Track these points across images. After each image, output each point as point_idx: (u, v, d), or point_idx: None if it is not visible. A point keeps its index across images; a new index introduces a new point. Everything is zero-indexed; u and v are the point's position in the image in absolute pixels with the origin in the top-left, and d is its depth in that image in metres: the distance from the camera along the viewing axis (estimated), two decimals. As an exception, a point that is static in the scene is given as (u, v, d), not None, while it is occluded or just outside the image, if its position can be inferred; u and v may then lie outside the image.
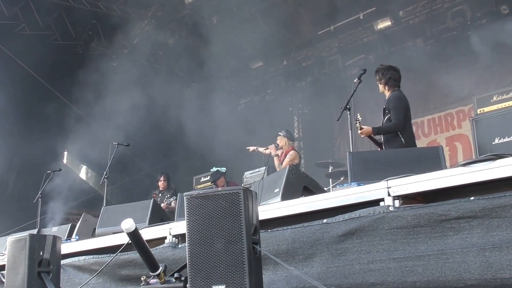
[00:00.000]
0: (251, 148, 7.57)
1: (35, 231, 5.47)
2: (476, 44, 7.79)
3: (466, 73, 8.69)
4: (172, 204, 7.58)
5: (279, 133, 7.29)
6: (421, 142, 9.13)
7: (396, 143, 4.82)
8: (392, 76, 5.03)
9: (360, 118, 4.67)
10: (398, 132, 4.84)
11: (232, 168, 9.66)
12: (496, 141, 3.93)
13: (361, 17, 9.99)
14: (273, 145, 7.16)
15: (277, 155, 7.10)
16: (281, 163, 6.99)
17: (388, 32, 9.83)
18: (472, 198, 2.46)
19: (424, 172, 2.82)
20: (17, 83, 9.54)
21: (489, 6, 8.12)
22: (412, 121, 5.20)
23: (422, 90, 9.25)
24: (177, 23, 10.66)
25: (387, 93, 5.07)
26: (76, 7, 9.97)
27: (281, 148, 7.17)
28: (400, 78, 5.08)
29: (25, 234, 3.65)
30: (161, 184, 8.01)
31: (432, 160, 3.35)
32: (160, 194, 7.88)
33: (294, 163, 6.83)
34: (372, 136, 4.92)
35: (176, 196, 7.84)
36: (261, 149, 7.39)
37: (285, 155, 7.06)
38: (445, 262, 2.40)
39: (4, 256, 4.07)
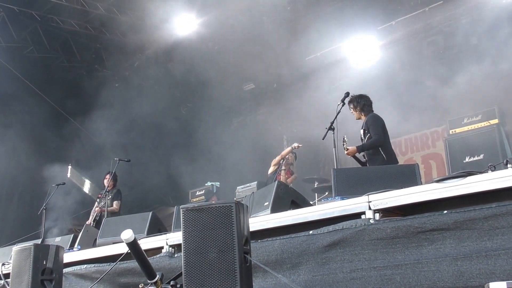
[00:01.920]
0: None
1: (39, 241, 5.40)
2: (448, 71, 7.95)
3: (440, 97, 8.82)
4: (114, 205, 7.05)
5: (294, 152, 7.02)
6: (399, 160, 9.14)
7: (378, 159, 4.89)
8: (366, 103, 5.19)
9: (346, 140, 4.77)
10: (380, 149, 4.92)
11: (225, 182, 9.65)
12: (467, 159, 4.00)
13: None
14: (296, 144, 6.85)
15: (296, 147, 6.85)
16: (287, 178, 6.94)
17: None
18: (445, 211, 2.50)
19: (402, 188, 2.86)
20: (24, 102, 9.51)
21: (460, 37, 8.31)
22: (391, 140, 5.27)
23: (400, 112, 9.36)
24: (176, 48, 10.73)
25: (363, 118, 5.18)
26: (82, 32, 10.02)
27: (291, 163, 7.05)
28: (371, 102, 5.23)
29: (29, 244, 3.61)
30: (105, 181, 7.27)
31: (408, 176, 3.39)
32: (104, 194, 7.12)
33: (292, 182, 6.90)
34: (357, 155, 5.01)
35: (118, 197, 7.12)
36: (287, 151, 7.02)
37: (290, 173, 7.03)
38: (421, 271, 2.42)
39: (9, 265, 4.02)
